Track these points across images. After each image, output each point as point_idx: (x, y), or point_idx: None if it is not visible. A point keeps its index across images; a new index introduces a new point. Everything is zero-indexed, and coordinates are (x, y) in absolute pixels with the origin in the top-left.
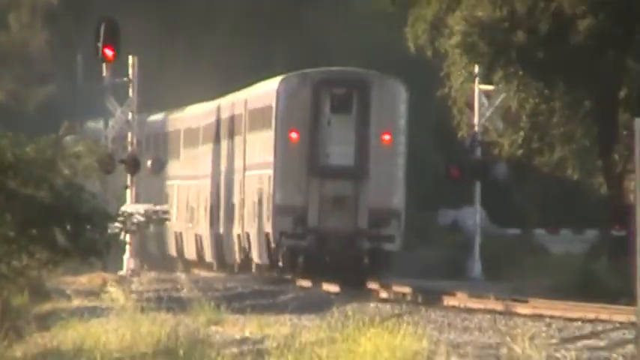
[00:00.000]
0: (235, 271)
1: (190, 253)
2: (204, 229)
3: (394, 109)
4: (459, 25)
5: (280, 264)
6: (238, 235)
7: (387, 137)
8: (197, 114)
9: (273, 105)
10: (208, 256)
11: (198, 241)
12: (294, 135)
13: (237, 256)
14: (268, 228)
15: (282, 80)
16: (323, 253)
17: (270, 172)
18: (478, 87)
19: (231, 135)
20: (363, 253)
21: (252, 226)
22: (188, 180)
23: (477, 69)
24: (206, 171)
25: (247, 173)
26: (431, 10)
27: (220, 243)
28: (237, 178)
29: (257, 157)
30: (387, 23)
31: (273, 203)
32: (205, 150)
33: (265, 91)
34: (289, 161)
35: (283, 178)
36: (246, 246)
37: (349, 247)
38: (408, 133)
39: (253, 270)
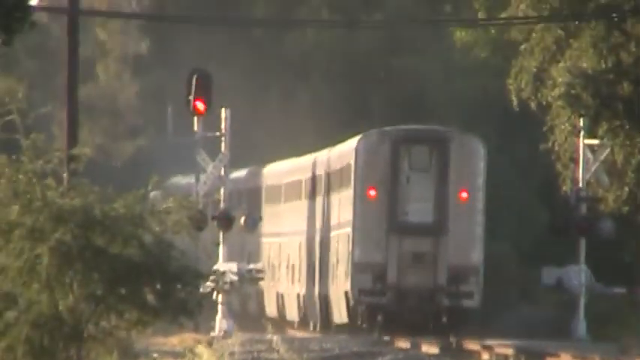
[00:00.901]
0: (332, 332)
1: (290, 313)
2: (290, 288)
3: (473, 166)
4: (562, 76)
5: (359, 322)
6: (318, 294)
7: (464, 195)
8: (282, 171)
9: (352, 163)
10: (294, 316)
11: (281, 299)
12: (372, 192)
13: (318, 315)
14: (347, 286)
15: (362, 138)
16: (402, 310)
17: (349, 230)
18: (583, 141)
19: (313, 194)
20: (442, 309)
21: (331, 285)
22: (275, 237)
23: (581, 122)
24: (290, 229)
25: (332, 233)
26: (534, 61)
27: (303, 302)
28: (317, 237)
29: (337, 217)
30: (488, 73)
31: (352, 261)
32: (289, 208)
33: (345, 150)
34: (368, 219)
35: (362, 236)
36: (325, 305)
37: (428, 304)
38: (511, 188)
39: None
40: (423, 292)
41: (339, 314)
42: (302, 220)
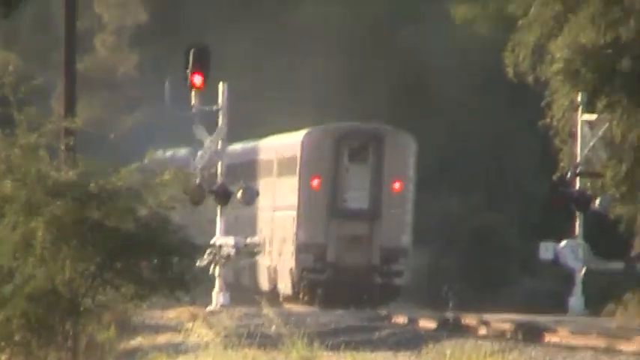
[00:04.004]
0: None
1: (263, 284)
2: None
3: (405, 159)
4: (561, 51)
5: (301, 295)
6: (267, 267)
7: (397, 185)
8: (253, 149)
9: (298, 155)
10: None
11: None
12: (315, 182)
13: (267, 287)
14: (292, 263)
15: (307, 134)
16: (340, 286)
17: (295, 213)
18: (581, 116)
19: (271, 175)
20: (375, 286)
21: (278, 261)
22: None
23: (579, 97)
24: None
25: (282, 213)
26: (532, 36)
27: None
28: (273, 215)
29: (287, 199)
30: (488, 48)
31: (296, 241)
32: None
33: (292, 142)
34: (311, 204)
35: (305, 219)
36: (275, 278)
37: (363, 281)
38: (511, 161)
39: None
40: (358, 271)
41: (285, 287)
42: (268, 196)
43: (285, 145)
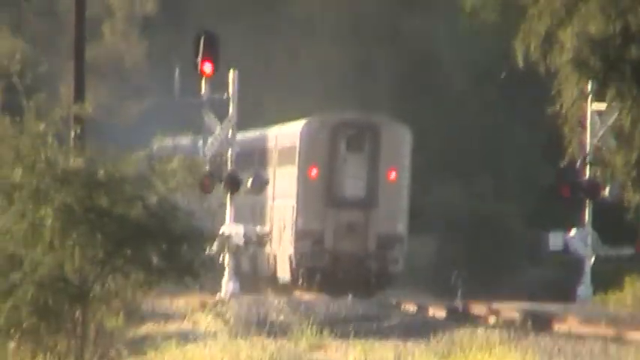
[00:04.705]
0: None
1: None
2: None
3: (400, 150)
4: (570, 40)
5: (300, 281)
6: (267, 255)
7: (393, 174)
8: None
9: (297, 145)
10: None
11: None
12: (313, 171)
13: (267, 273)
14: (291, 250)
15: (305, 124)
16: (337, 272)
17: (294, 202)
18: (590, 105)
19: (272, 164)
20: (372, 272)
21: (278, 247)
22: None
23: (589, 86)
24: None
25: (282, 202)
26: (542, 25)
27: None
28: (273, 203)
29: (287, 188)
30: (498, 36)
31: (295, 228)
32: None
33: (291, 132)
34: (309, 193)
35: (304, 208)
36: (269, 263)
37: (359, 267)
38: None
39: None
40: (355, 257)
41: (284, 273)
42: (269, 185)
43: (284, 134)
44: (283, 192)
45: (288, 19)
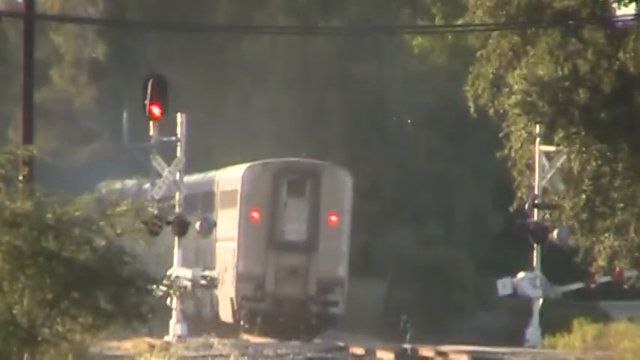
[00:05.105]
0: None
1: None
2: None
3: (341, 194)
4: (518, 83)
5: (242, 323)
6: (211, 296)
7: (334, 218)
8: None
9: (239, 188)
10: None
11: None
12: (255, 214)
13: (210, 315)
14: (232, 292)
15: (247, 168)
16: (278, 315)
17: (235, 244)
18: (539, 148)
19: (215, 207)
20: (312, 315)
21: (220, 289)
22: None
23: (537, 129)
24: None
25: (223, 244)
26: (490, 68)
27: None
28: (214, 245)
29: (228, 230)
30: (447, 79)
31: (237, 271)
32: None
33: (233, 176)
34: (250, 236)
35: (245, 250)
36: (216, 306)
37: (300, 310)
38: (465, 193)
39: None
40: (296, 300)
41: (226, 315)
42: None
43: (227, 178)
44: (226, 235)
45: (238, 64)
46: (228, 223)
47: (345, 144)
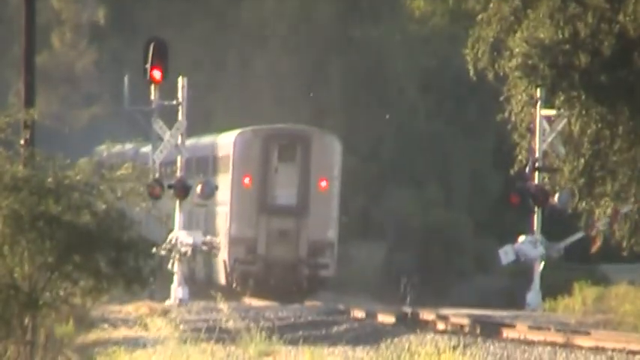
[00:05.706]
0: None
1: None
2: None
3: (331, 159)
4: (519, 47)
5: (234, 285)
6: (204, 259)
7: (323, 183)
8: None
9: (231, 154)
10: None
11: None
12: (247, 180)
13: (203, 277)
14: (225, 255)
15: (238, 135)
16: (269, 277)
17: (228, 209)
18: (539, 111)
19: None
20: (303, 277)
21: None
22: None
23: (538, 93)
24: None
25: (218, 208)
26: (491, 31)
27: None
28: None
29: (222, 195)
30: (447, 42)
31: (229, 235)
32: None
33: (226, 142)
34: (242, 201)
35: (237, 215)
36: (209, 269)
37: (291, 273)
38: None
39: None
40: (287, 263)
41: (219, 278)
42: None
43: (221, 144)
44: (220, 199)
45: (239, 27)
46: (222, 187)
47: (344, 107)
